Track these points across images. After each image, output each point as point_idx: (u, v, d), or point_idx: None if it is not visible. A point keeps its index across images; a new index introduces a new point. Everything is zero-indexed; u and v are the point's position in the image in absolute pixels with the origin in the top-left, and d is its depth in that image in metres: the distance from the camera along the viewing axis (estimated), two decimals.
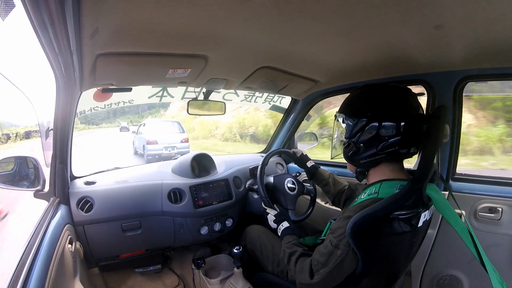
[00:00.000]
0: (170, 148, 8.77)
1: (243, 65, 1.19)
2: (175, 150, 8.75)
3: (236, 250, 1.27)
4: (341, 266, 0.78)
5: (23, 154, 1.24)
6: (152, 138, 8.80)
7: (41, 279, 0.68)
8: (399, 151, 0.83)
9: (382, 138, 0.83)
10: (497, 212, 1.11)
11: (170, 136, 9.13)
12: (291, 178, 1.45)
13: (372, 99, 0.87)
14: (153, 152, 8.66)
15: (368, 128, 0.84)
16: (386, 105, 0.84)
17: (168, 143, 8.84)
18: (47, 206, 1.10)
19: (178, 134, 9.35)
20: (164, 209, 1.38)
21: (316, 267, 0.82)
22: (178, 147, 8.94)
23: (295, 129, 1.92)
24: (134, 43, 0.85)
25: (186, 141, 9.27)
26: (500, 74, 1.06)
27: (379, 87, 0.89)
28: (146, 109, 19.42)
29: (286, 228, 1.10)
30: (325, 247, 0.82)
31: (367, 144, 0.85)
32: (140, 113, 19.81)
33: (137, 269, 1.63)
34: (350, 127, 0.88)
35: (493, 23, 0.74)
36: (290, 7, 0.68)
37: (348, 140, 0.90)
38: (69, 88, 0.98)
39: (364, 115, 0.84)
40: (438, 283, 1.28)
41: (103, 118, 13.43)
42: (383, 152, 0.84)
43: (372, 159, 0.87)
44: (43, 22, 0.57)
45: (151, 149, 8.62)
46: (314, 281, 0.82)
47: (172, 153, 8.64)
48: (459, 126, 1.18)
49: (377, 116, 0.83)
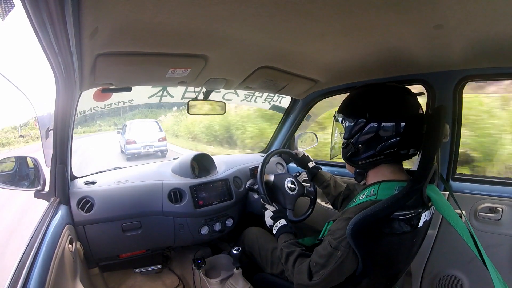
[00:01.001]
0: (148, 147, 9.13)
1: (243, 65, 1.19)
2: (153, 149, 9.23)
3: (235, 251, 1.27)
4: (341, 267, 0.78)
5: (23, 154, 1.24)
6: (131, 138, 9.10)
7: (41, 279, 0.68)
8: (399, 152, 0.83)
9: (381, 138, 0.82)
10: (497, 212, 1.11)
11: (148, 135, 9.45)
12: (291, 178, 1.45)
13: (371, 99, 0.86)
14: (132, 151, 9.03)
15: (367, 128, 0.83)
16: (385, 105, 0.83)
17: (146, 142, 9.17)
18: (48, 206, 1.11)
19: (156, 133, 9.66)
20: (164, 209, 1.38)
21: (315, 268, 0.82)
22: (156, 145, 9.33)
23: (295, 129, 1.92)
24: (134, 43, 0.85)
25: (164, 139, 9.63)
26: (500, 73, 1.06)
27: (378, 87, 0.89)
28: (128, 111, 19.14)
29: (284, 226, 1.08)
30: (324, 249, 0.81)
31: (366, 145, 0.85)
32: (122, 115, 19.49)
33: (137, 269, 1.63)
34: (349, 128, 0.87)
35: (493, 23, 0.74)
36: (290, 7, 0.68)
37: (346, 141, 0.89)
38: (69, 88, 0.98)
39: (363, 116, 0.84)
40: (438, 283, 1.27)
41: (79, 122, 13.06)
42: (382, 153, 0.83)
43: (371, 160, 0.86)
44: (43, 22, 0.57)
45: (130, 148, 8.97)
46: (313, 282, 0.81)
47: (150, 151, 9.13)
48: (459, 126, 1.18)
49: (376, 117, 0.82)
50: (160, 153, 9.41)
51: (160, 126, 10.31)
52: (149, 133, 9.57)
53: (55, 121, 1.09)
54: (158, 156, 9.38)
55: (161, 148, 9.52)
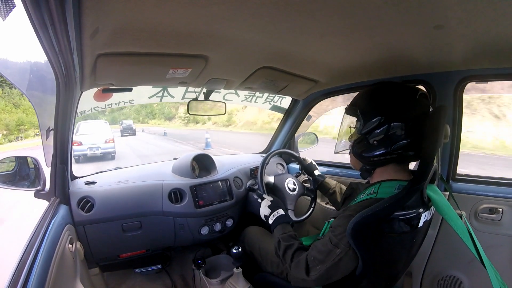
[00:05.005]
0: (94, 149, 9.04)
1: (243, 65, 1.19)
2: (100, 151, 9.06)
3: (235, 250, 1.27)
4: (339, 264, 0.78)
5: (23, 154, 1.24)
6: (77, 139, 8.84)
7: (42, 279, 0.68)
8: (409, 153, 0.83)
9: (397, 138, 0.81)
10: (498, 212, 1.11)
11: (96, 137, 9.31)
12: (291, 179, 1.45)
13: (392, 98, 0.84)
14: (78, 153, 8.88)
15: (385, 126, 0.82)
16: (405, 106, 0.82)
17: (92, 144, 9.05)
18: (48, 206, 1.10)
19: (104, 134, 9.49)
20: (164, 209, 1.38)
21: (312, 263, 0.82)
22: (103, 147, 9.15)
23: (296, 129, 1.92)
24: (134, 43, 0.85)
25: (111, 141, 9.42)
26: (500, 74, 1.06)
27: (398, 86, 0.87)
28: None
29: (282, 216, 1.07)
30: (324, 245, 0.81)
31: (381, 142, 0.84)
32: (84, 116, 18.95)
33: (138, 269, 1.63)
34: (366, 123, 0.85)
35: (494, 23, 0.74)
36: (290, 7, 0.68)
37: (361, 136, 0.88)
38: (69, 88, 0.98)
39: (382, 113, 0.82)
40: (438, 284, 1.27)
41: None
42: (395, 153, 0.83)
43: (383, 158, 0.85)
44: (44, 22, 0.57)
45: (76, 149, 8.76)
46: (310, 278, 0.82)
47: (97, 153, 9.01)
48: (459, 126, 1.18)
49: (396, 116, 0.81)
50: (110, 156, 9.23)
51: (109, 127, 10.17)
52: (96, 134, 9.40)
53: (55, 121, 1.09)
54: (108, 159, 9.17)
55: (108, 150, 9.32)
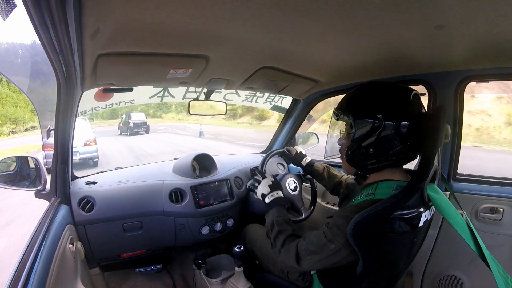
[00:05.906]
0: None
1: (244, 66, 1.19)
2: (78, 156, 6.79)
3: (237, 249, 1.27)
4: (331, 258, 0.79)
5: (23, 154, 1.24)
6: (49, 142, 6.77)
7: (42, 279, 0.68)
8: (406, 156, 0.81)
9: (394, 143, 0.78)
10: (499, 212, 1.11)
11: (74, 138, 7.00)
12: (292, 179, 1.45)
13: (384, 99, 0.80)
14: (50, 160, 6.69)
15: (380, 131, 0.78)
16: (399, 107, 0.79)
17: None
18: (48, 206, 1.11)
19: (82, 134, 7.00)
20: (165, 209, 1.38)
21: (303, 252, 0.83)
22: (81, 151, 6.89)
23: (296, 129, 1.92)
24: (135, 43, 0.85)
25: (92, 143, 7.20)
26: (501, 74, 1.06)
27: (388, 86, 0.83)
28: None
29: (281, 197, 1.06)
30: (317, 238, 0.81)
31: (378, 148, 0.80)
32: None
33: (138, 269, 1.63)
34: (360, 129, 0.81)
35: (494, 23, 0.74)
36: (291, 7, 0.68)
37: (355, 144, 0.83)
38: (70, 88, 0.98)
39: (376, 117, 0.78)
40: (439, 284, 1.27)
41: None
42: (392, 159, 0.81)
43: (381, 164, 0.83)
44: (44, 22, 0.57)
45: (47, 156, 6.25)
46: (301, 267, 0.84)
47: (75, 160, 6.15)
48: (460, 126, 1.18)
49: (391, 119, 0.77)
50: (92, 162, 7.08)
51: (89, 125, 7.71)
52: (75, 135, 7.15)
53: (56, 121, 1.09)
54: (89, 166, 7.07)
55: (89, 155, 7.07)
